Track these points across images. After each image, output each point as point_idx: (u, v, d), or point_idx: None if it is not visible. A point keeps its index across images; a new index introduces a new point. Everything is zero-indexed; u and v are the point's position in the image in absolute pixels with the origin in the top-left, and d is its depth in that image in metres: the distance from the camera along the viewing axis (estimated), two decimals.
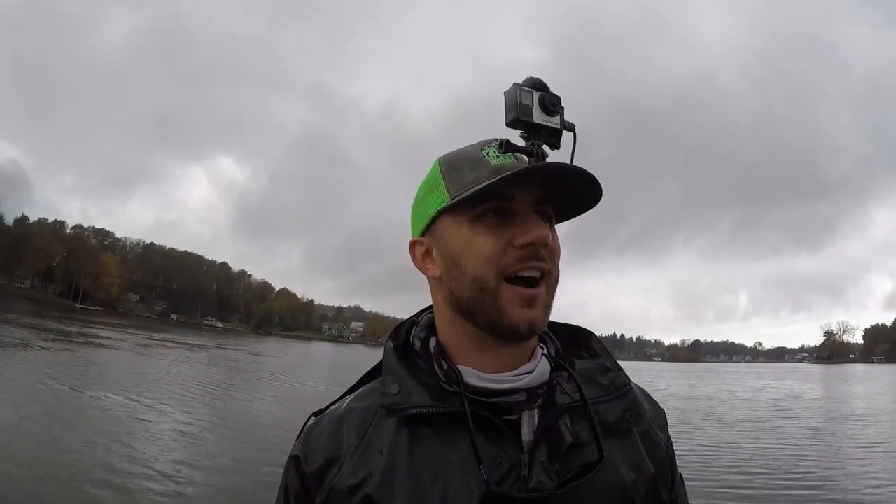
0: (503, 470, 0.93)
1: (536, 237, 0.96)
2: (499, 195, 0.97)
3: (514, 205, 0.98)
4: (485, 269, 0.98)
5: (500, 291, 0.98)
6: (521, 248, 0.97)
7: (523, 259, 0.97)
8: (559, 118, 1.03)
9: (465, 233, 1.00)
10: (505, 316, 0.98)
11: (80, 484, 8.08)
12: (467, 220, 1.00)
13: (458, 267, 1.01)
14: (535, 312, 0.98)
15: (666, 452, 1.12)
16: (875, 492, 10.31)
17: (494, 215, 0.99)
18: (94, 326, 52.25)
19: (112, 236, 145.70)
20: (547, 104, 1.02)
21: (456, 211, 1.01)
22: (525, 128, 1.02)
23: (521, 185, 0.97)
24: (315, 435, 1.05)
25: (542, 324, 1.01)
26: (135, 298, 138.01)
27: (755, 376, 66.52)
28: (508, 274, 0.98)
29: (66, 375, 18.62)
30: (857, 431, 18.34)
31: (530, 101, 1.01)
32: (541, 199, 1.00)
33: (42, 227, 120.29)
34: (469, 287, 1.00)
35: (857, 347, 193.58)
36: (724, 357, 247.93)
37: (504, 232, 0.98)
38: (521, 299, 0.97)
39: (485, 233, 0.98)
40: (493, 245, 0.98)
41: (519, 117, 1.00)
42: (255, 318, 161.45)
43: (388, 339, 1.14)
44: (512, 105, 1.01)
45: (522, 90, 1.01)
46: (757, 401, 31.09)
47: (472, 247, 0.99)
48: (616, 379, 1.10)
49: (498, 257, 0.97)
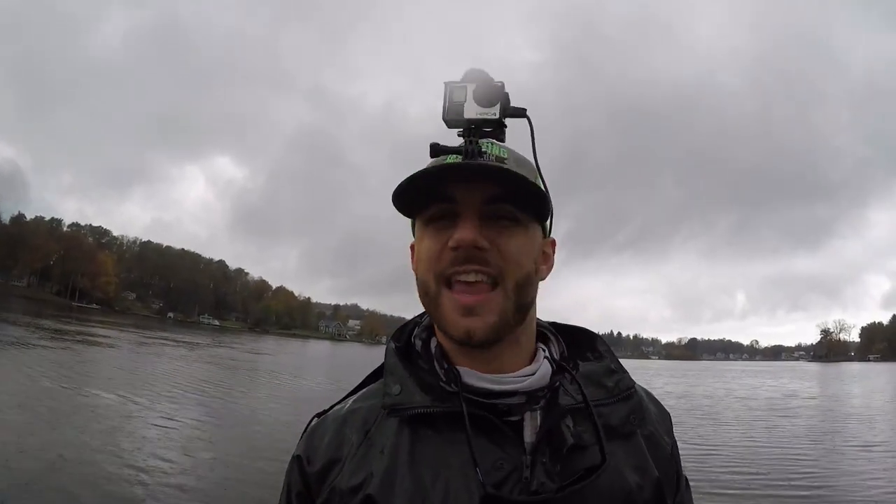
0: (504, 472, 0.93)
1: (457, 239, 0.94)
2: (439, 197, 0.97)
3: (458, 206, 0.97)
4: (426, 272, 1.00)
5: (440, 298, 0.98)
6: (452, 251, 0.96)
7: (455, 262, 0.96)
8: (498, 107, 0.97)
9: (420, 236, 1.03)
10: (445, 324, 0.99)
11: (75, 481, 8.09)
12: (421, 224, 1.02)
13: (416, 271, 1.04)
14: (475, 321, 0.96)
15: (671, 456, 1.11)
16: (869, 494, 10.33)
17: (440, 219, 0.99)
18: (91, 325, 52.27)
19: (109, 234, 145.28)
20: (483, 95, 0.97)
21: (419, 217, 1.03)
22: (459, 125, 0.99)
23: (459, 185, 0.96)
24: (318, 435, 1.05)
25: (486, 333, 0.97)
26: (132, 297, 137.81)
27: (751, 374, 66.98)
28: (446, 276, 0.97)
29: (63, 374, 18.62)
30: (853, 430, 18.43)
31: (462, 96, 0.97)
32: (492, 198, 0.97)
33: (39, 225, 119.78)
34: (420, 291, 1.02)
35: (854, 346, 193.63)
36: (721, 355, 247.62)
37: (444, 235, 0.97)
38: (459, 307, 0.96)
39: (429, 235, 1.00)
40: (430, 247, 0.99)
41: (447, 117, 0.98)
42: (253, 316, 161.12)
43: (390, 340, 1.13)
44: (443, 105, 0.98)
45: (454, 87, 0.98)
46: (753, 399, 31.18)
47: (420, 250, 1.02)
48: (621, 381, 1.09)
49: (436, 260, 0.98)
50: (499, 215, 0.98)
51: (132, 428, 12.22)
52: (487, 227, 0.97)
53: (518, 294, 0.99)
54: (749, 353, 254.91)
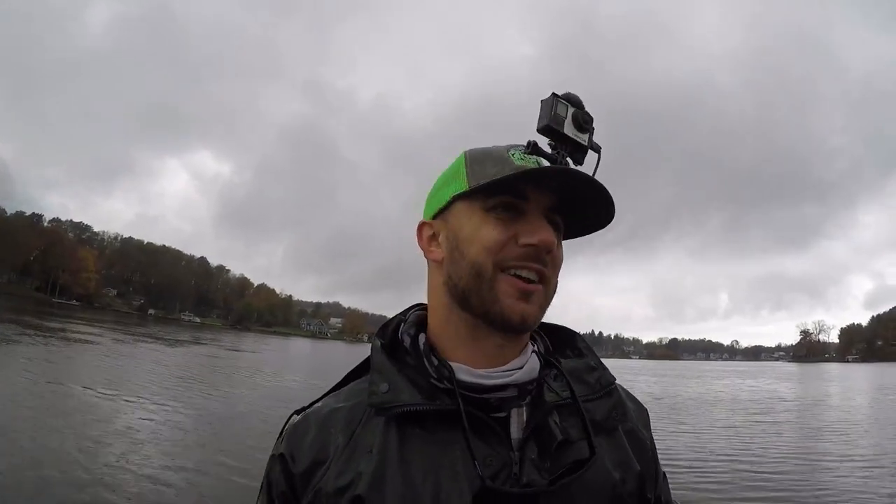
0: (494, 468, 0.93)
1: (541, 239, 0.97)
2: (514, 191, 0.99)
3: (527, 204, 1.00)
4: (484, 257, 0.99)
5: (496, 281, 0.98)
6: (523, 247, 0.98)
7: (523, 258, 0.98)
8: (588, 136, 1.05)
9: (475, 220, 1.01)
10: (498, 304, 0.98)
11: (49, 479, 8.08)
12: (480, 208, 1.01)
13: (459, 251, 1.02)
14: (530, 307, 0.98)
15: (650, 450, 1.13)
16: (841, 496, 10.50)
17: (505, 210, 1.00)
18: (71, 322, 51.67)
19: (90, 230, 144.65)
20: (580, 121, 1.04)
21: (471, 199, 1.03)
22: (554, 137, 1.04)
23: (539, 187, 0.99)
24: (299, 433, 1.03)
25: (535, 320, 1.00)
26: (112, 293, 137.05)
27: (729, 375, 67.07)
28: (506, 268, 0.98)
29: (42, 371, 18.46)
30: (826, 433, 18.63)
31: (564, 112, 1.03)
32: (554, 206, 1.01)
33: (20, 220, 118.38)
34: (467, 272, 1.00)
35: (833, 347, 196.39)
36: (702, 355, 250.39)
37: (511, 227, 0.99)
38: (517, 291, 0.98)
39: (493, 223, 1.00)
40: (497, 236, 0.98)
41: (550, 125, 1.02)
42: (234, 313, 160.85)
43: (375, 337, 1.12)
44: (546, 113, 1.02)
45: (559, 101, 1.03)
46: (731, 400, 31.43)
47: (478, 234, 1.00)
48: (602, 377, 1.11)
49: (500, 249, 0.98)
50: (555, 223, 1.03)
51: (109, 425, 12.15)
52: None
53: (551, 296, 1.04)
54: (729, 353, 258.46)
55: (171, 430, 12.42)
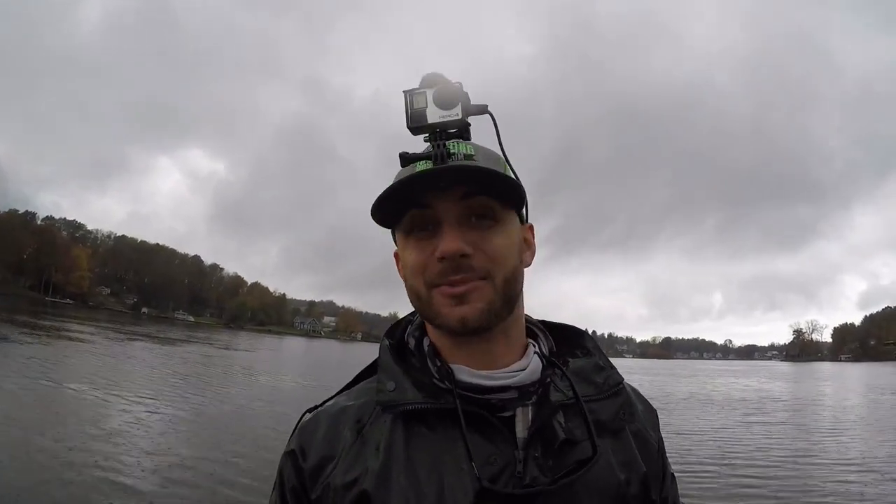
0: (497, 467, 0.94)
1: (443, 251, 0.96)
2: (415, 204, 0.99)
3: (436, 212, 0.98)
4: (415, 280, 1.01)
5: (431, 298, 1.00)
6: (440, 261, 0.97)
7: (444, 273, 0.97)
8: (459, 108, 0.98)
9: (407, 246, 1.03)
10: (440, 317, 0.99)
11: (41, 479, 8.07)
12: (402, 235, 1.04)
13: (405, 278, 1.05)
14: (469, 307, 0.98)
15: (657, 452, 1.13)
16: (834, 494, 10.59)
17: (422, 229, 1.00)
18: (65, 320, 51.54)
19: (83, 228, 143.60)
20: (443, 97, 0.98)
21: (398, 228, 1.05)
22: (425, 131, 1.00)
23: (432, 189, 0.97)
24: (310, 430, 1.05)
25: (482, 316, 0.98)
26: (106, 292, 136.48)
27: (722, 374, 67.25)
28: (434, 285, 0.99)
29: (35, 370, 18.44)
30: (818, 433, 18.75)
31: (423, 102, 0.99)
32: (467, 194, 0.98)
33: (12, 218, 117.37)
34: (412, 296, 1.04)
35: (826, 346, 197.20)
36: (695, 354, 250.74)
37: (429, 245, 0.99)
38: (448, 298, 0.98)
39: (412, 246, 1.01)
40: (416, 258, 1.00)
41: (412, 125, 0.99)
42: (228, 312, 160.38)
43: (383, 337, 1.15)
44: (406, 113, 0.99)
45: (413, 94, 0.99)
46: (722, 399, 31.50)
47: (408, 260, 1.02)
48: (610, 377, 1.11)
49: (423, 269, 1.00)
50: (478, 214, 0.99)
51: (101, 424, 12.14)
52: (468, 230, 0.98)
53: (506, 287, 1.00)
54: (723, 353, 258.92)
55: (164, 429, 12.42)
